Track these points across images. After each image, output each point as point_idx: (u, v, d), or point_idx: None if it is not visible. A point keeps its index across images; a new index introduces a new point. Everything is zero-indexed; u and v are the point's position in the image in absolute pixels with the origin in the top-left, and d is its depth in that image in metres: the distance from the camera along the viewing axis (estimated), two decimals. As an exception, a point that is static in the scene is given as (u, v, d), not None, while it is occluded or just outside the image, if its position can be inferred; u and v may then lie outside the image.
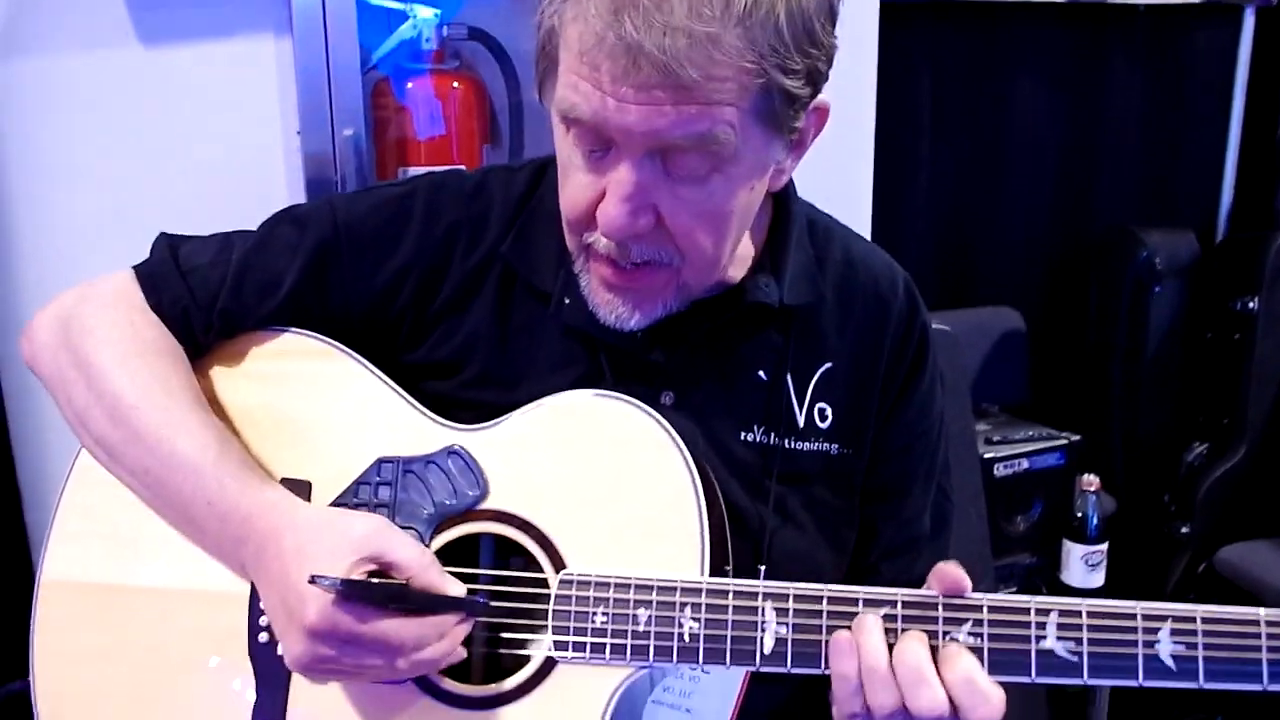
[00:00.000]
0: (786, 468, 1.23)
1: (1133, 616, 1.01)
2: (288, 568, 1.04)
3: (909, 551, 1.32)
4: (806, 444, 1.24)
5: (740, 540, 1.16)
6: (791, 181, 1.26)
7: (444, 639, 1.06)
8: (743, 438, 1.22)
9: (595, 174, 1.06)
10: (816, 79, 1.06)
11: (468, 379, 1.22)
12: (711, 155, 1.02)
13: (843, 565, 1.28)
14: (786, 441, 1.23)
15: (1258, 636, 0.99)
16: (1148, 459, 3.10)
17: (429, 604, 1.05)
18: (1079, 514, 2.61)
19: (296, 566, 1.03)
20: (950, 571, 1.05)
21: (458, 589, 1.07)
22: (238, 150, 1.75)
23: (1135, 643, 1.01)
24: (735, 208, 1.09)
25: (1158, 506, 3.06)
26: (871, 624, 1.03)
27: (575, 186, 1.08)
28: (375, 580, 1.04)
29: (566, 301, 1.19)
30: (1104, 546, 2.63)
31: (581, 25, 0.98)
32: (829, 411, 1.25)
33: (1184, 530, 2.99)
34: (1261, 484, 2.95)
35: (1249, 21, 3.14)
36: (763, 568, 1.17)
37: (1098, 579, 2.65)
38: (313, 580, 1.00)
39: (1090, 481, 2.61)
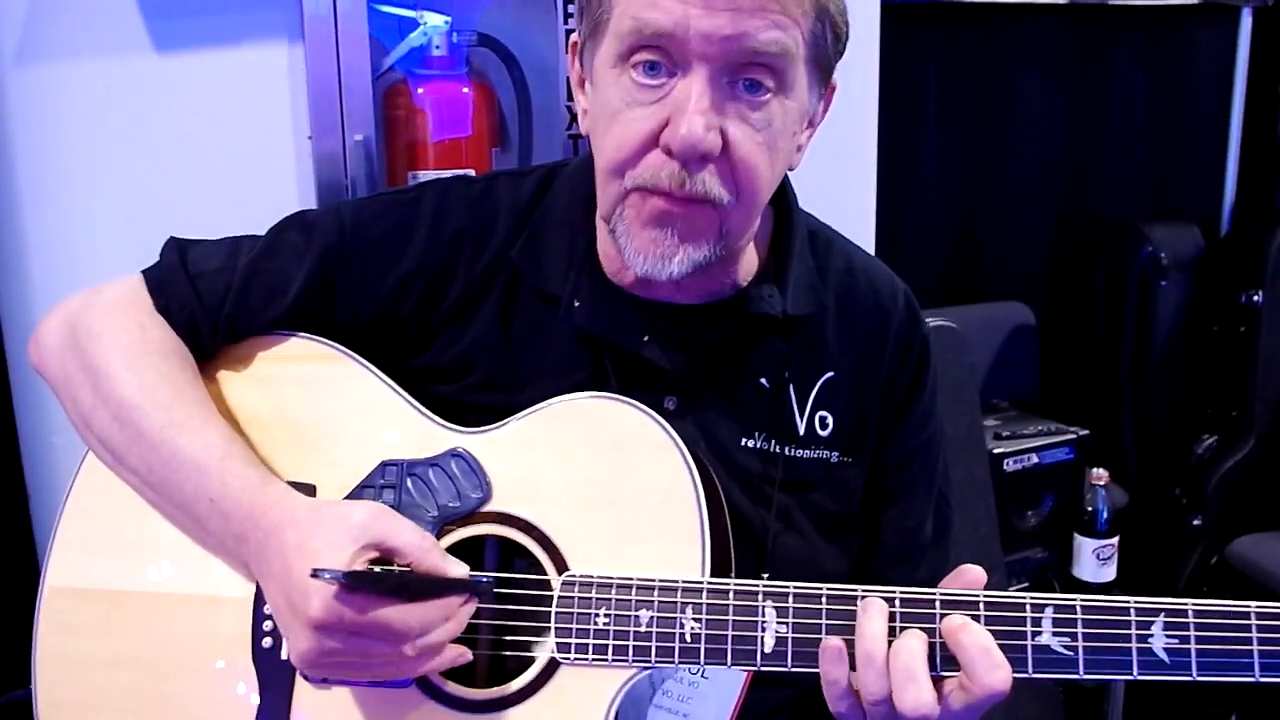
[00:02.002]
0: (788, 475, 1.24)
1: (1126, 611, 1.02)
2: (290, 564, 1.05)
3: (912, 559, 1.34)
4: (807, 452, 1.26)
5: (743, 545, 1.17)
6: (793, 193, 1.29)
7: (450, 621, 1.07)
8: (744, 444, 1.23)
9: (657, 105, 1.08)
10: (841, 32, 1.13)
11: (473, 383, 1.23)
12: (779, 76, 1.07)
13: (845, 572, 1.29)
14: (787, 449, 1.24)
15: (1248, 629, 1.00)
16: (1158, 452, 3.10)
17: (433, 588, 1.06)
18: (1089, 508, 2.62)
19: (298, 562, 1.04)
20: (970, 572, 1.07)
21: (460, 570, 1.08)
22: (249, 154, 1.75)
23: (1129, 636, 1.02)
24: (782, 150, 1.13)
25: (1169, 499, 3.06)
26: (876, 611, 1.04)
27: (629, 122, 1.09)
28: (377, 569, 1.05)
29: (576, 304, 1.21)
30: (1115, 540, 2.63)
31: None
32: (829, 420, 1.27)
33: (1195, 523, 2.99)
34: (1271, 475, 2.95)
35: (1246, 21, 3.19)
36: (765, 575, 1.18)
37: (1109, 573, 2.65)
38: (315, 574, 1.01)
39: (1100, 475, 2.61)
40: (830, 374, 1.27)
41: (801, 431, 1.25)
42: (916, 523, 1.34)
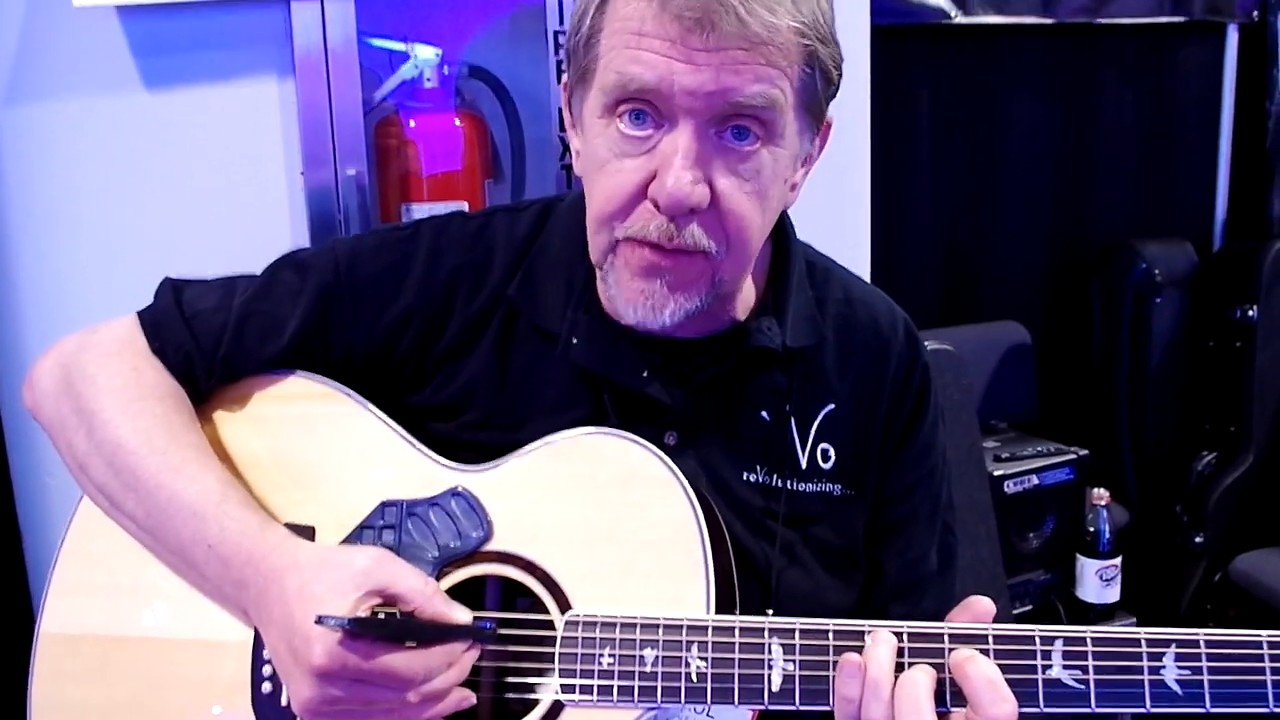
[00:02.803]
0: (790, 509, 1.23)
1: (1137, 643, 1.01)
2: (291, 610, 1.04)
3: (916, 591, 1.32)
4: (809, 485, 1.24)
5: (746, 581, 1.16)
6: (791, 224, 1.28)
7: (453, 668, 1.06)
8: (745, 478, 1.22)
9: (644, 157, 1.07)
10: (833, 76, 1.11)
11: (471, 421, 1.22)
12: (767, 126, 1.06)
13: (850, 606, 1.27)
14: (789, 483, 1.23)
15: (1260, 659, 0.99)
16: (1158, 470, 3.10)
17: (436, 634, 1.05)
18: (1091, 529, 2.61)
19: (300, 608, 1.03)
20: (979, 603, 1.06)
21: (464, 616, 1.08)
22: (242, 190, 1.76)
23: (1141, 669, 1.01)
24: (774, 196, 1.11)
25: (1170, 517, 3.06)
26: (885, 638, 1.04)
27: (617, 174, 1.08)
28: (382, 616, 1.04)
29: (574, 341, 1.20)
30: (1117, 561, 2.62)
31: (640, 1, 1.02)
32: (831, 453, 1.25)
33: (1197, 540, 2.99)
34: (1272, 490, 2.96)
35: (1233, 37, 3.24)
36: (769, 611, 1.17)
37: (1113, 594, 2.64)
38: (319, 621, 1.00)
39: (1100, 495, 2.60)
40: (831, 406, 1.26)
41: (803, 465, 1.24)
42: (919, 554, 1.33)
